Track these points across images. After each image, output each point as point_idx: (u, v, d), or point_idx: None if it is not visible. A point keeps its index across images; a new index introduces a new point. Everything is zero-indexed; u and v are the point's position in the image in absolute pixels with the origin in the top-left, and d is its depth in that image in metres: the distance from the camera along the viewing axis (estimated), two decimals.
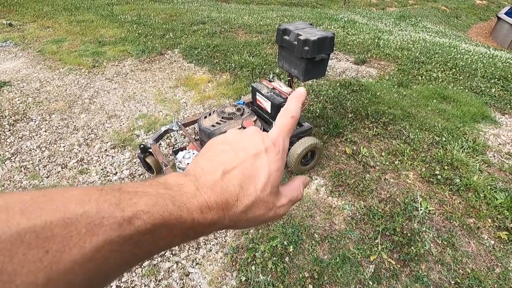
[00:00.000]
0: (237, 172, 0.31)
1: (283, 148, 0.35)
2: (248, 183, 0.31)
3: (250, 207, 0.31)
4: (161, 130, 2.16)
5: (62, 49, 4.55)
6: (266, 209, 0.32)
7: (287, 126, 0.36)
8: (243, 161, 0.32)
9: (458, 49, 4.76)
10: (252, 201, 0.31)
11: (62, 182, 2.18)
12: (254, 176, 0.32)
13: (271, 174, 0.32)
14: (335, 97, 3.12)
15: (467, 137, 2.59)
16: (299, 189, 0.37)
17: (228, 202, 0.30)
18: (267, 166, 0.32)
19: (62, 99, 3.21)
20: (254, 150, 0.33)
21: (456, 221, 1.92)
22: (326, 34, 1.93)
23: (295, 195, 0.36)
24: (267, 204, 0.32)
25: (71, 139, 2.61)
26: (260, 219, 0.33)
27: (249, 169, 0.32)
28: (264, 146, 0.33)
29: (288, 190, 0.36)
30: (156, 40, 4.70)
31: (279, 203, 0.34)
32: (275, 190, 0.33)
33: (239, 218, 0.31)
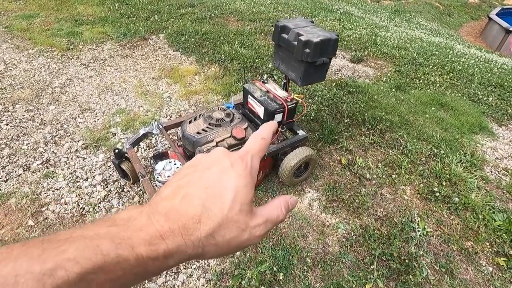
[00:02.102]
0: (198, 192, 0.29)
1: (252, 165, 0.33)
2: (212, 202, 0.29)
3: (217, 229, 0.28)
4: (140, 133, 1.91)
5: (33, 26, 4.09)
6: (238, 230, 0.29)
7: (257, 146, 0.35)
8: (206, 179, 0.30)
9: (454, 51, 4.65)
10: (219, 222, 0.28)
11: (23, 188, 1.91)
12: (220, 194, 0.29)
13: (239, 190, 0.30)
14: (330, 99, 2.94)
15: (465, 149, 2.49)
16: (278, 208, 0.34)
17: (188, 227, 0.27)
18: (234, 181, 0.30)
19: (29, 86, 2.85)
20: (218, 166, 0.31)
21: (454, 244, 1.82)
22: (329, 36, 1.71)
23: (273, 214, 0.33)
24: (238, 225, 0.29)
25: (36, 135, 2.31)
26: (234, 243, 0.30)
27: (213, 187, 0.30)
28: (230, 162, 0.32)
29: (265, 210, 0.33)
30: (139, 23, 4.31)
31: (253, 223, 0.31)
32: (246, 208, 0.30)
33: (205, 243, 0.28)
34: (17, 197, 1.86)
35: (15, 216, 1.76)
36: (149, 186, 1.66)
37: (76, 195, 1.91)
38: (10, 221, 1.73)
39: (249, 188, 0.31)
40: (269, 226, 0.33)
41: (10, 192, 1.88)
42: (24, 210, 1.79)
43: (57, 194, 1.90)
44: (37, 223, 1.74)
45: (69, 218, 1.78)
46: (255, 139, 0.36)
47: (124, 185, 2.00)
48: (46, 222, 1.75)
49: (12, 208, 1.80)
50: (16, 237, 1.66)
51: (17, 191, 1.89)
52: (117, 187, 1.99)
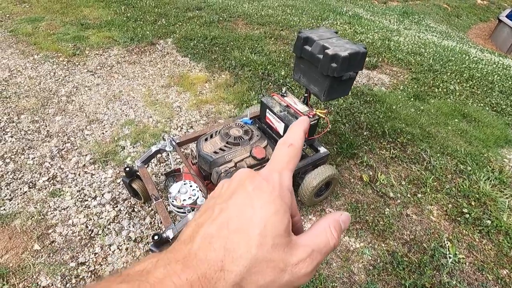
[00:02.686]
0: (218, 230, 0.24)
1: (281, 184, 0.26)
2: (236, 241, 0.23)
3: (245, 275, 0.22)
4: (152, 150, 1.80)
5: (38, 30, 4.00)
6: (275, 272, 0.23)
7: (284, 157, 0.29)
8: (228, 213, 0.25)
9: (470, 57, 4.50)
10: (247, 266, 0.22)
11: (29, 208, 1.81)
12: (244, 229, 0.24)
13: (268, 220, 0.24)
14: (347, 109, 2.81)
15: (493, 165, 2.35)
16: (328, 232, 0.26)
17: (209, 277, 0.22)
18: (260, 210, 0.24)
19: (35, 94, 2.75)
20: (241, 194, 0.26)
21: (489, 273, 1.69)
22: (357, 49, 1.59)
23: (322, 242, 0.26)
24: (274, 264, 0.23)
25: (42, 148, 2.20)
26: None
27: (235, 221, 0.24)
28: (254, 186, 0.26)
29: (309, 237, 0.26)
30: (146, 27, 4.21)
31: (294, 259, 0.24)
32: (282, 240, 0.24)
33: None
34: (22, 218, 1.75)
35: (20, 239, 1.65)
36: (163, 210, 1.55)
37: (84, 215, 1.80)
38: (15, 245, 1.63)
39: (281, 214, 0.25)
40: (319, 259, 0.26)
41: (15, 212, 1.78)
42: (29, 232, 1.69)
43: (64, 215, 1.79)
44: (44, 247, 1.63)
45: (77, 241, 1.67)
46: (282, 149, 0.29)
47: (134, 204, 1.89)
48: (53, 246, 1.64)
49: (17, 230, 1.69)
50: (21, 263, 1.55)
51: (22, 211, 1.79)
52: (127, 206, 1.88)
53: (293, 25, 4.74)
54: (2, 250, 1.60)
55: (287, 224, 0.25)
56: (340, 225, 0.28)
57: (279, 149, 0.30)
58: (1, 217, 1.74)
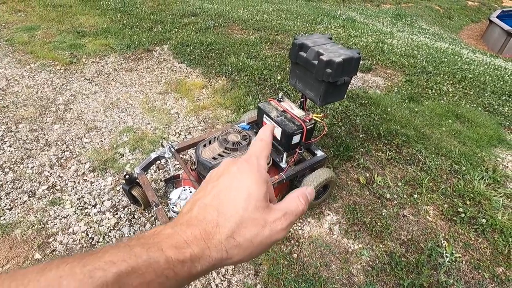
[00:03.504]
0: (212, 200, 0.31)
1: (258, 163, 0.34)
2: (226, 205, 0.30)
3: (235, 229, 0.29)
4: (151, 157, 1.82)
5: (34, 39, 4.02)
6: (258, 227, 0.30)
7: (258, 147, 0.36)
8: (218, 187, 0.32)
9: (462, 58, 4.59)
10: (236, 222, 0.29)
11: (29, 217, 1.81)
12: (232, 197, 0.30)
13: (250, 189, 0.31)
14: (343, 112, 2.86)
15: (486, 165, 2.40)
16: (297, 200, 0.34)
17: (208, 231, 0.29)
18: (244, 182, 0.31)
19: (32, 103, 2.76)
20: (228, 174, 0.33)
21: (485, 271, 1.73)
22: (351, 54, 1.63)
23: (292, 206, 0.33)
24: (256, 221, 0.30)
25: (41, 157, 2.21)
26: (256, 241, 0.30)
27: (224, 192, 0.31)
28: (237, 166, 0.33)
29: (283, 203, 0.33)
30: (143, 34, 4.24)
31: (271, 217, 0.31)
32: (261, 204, 0.31)
33: (227, 246, 0.29)
34: (22, 227, 1.76)
35: (20, 248, 1.66)
36: (163, 216, 1.57)
37: (84, 223, 1.81)
38: (16, 254, 1.63)
39: (260, 184, 0.31)
40: (291, 218, 0.32)
41: (15, 221, 1.78)
42: (30, 241, 1.69)
43: (65, 223, 1.80)
44: (45, 256, 1.64)
45: (78, 249, 1.68)
46: (256, 143, 0.37)
47: (134, 211, 1.90)
48: (54, 255, 1.65)
49: (17, 240, 1.70)
50: None
51: (23, 220, 1.79)
52: (128, 213, 1.89)
53: (288, 30, 4.80)
54: (3, 260, 1.60)
55: (265, 192, 0.31)
56: (306, 195, 0.35)
57: (254, 143, 0.37)
58: (2, 226, 1.74)
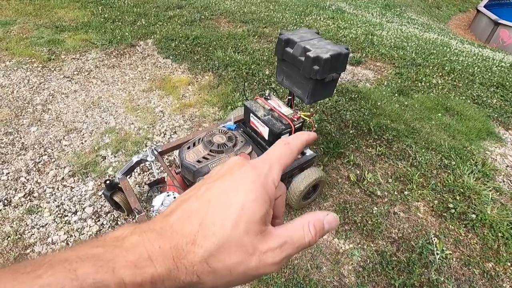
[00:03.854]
0: (199, 207, 0.25)
1: (266, 175, 0.27)
2: (212, 219, 0.24)
3: (214, 252, 0.24)
4: (133, 161, 1.73)
5: (10, 34, 3.81)
6: (243, 255, 0.24)
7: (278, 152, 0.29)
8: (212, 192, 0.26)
9: (451, 49, 4.57)
10: (218, 244, 0.24)
11: (4, 227, 1.72)
12: (223, 210, 0.25)
13: (246, 206, 0.25)
14: (333, 107, 2.80)
15: (476, 158, 2.39)
16: (305, 228, 0.27)
17: (180, 247, 0.24)
18: (241, 195, 0.25)
19: (7, 104, 2.62)
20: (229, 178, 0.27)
21: (475, 267, 1.72)
22: (339, 50, 1.56)
23: (296, 236, 0.26)
24: (244, 248, 0.24)
25: (17, 162, 2.10)
26: (237, 271, 0.24)
27: (216, 202, 0.25)
28: (241, 171, 0.27)
29: (285, 229, 0.26)
30: (125, 28, 4.07)
31: (264, 247, 0.25)
32: (256, 227, 0.25)
33: (200, 270, 0.24)
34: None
35: None
36: None
37: (64, 232, 1.72)
38: None
39: (260, 203, 0.25)
40: (289, 251, 0.26)
41: None
42: (5, 254, 1.60)
43: (43, 232, 1.71)
44: None
45: None
46: (278, 146, 0.30)
47: (117, 217, 1.82)
48: None
49: None
50: None
51: None
52: (110, 219, 1.81)
53: (276, 22, 4.69)
54: None
55: (264, 213, 0.25)
56: (322, 224, 0.28)
57: (276, 145, 0.30)
58: None
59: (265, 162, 0.28)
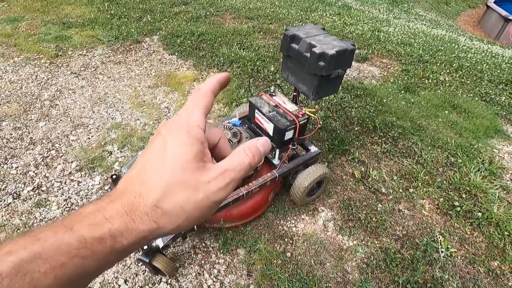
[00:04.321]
0: (138, 171, 0.28)
1: (187, 122, 0.30)
2: (151, 174, 0.27)
3: (161, 197, 0.26)
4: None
5: (18, 31, 3.85)
6: (189, 190, 0.27)
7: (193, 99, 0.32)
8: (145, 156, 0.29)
9: (459, 45, 4.50)
10: (161, 189, 0.26)
11: (14, 220, 1.75)
12: (157, 164, 0.28)
13: (177, 151, 0.28)
14: (338, 104, 2.79)
15: (483, 156, 2.37)
16: (241, 153, 0.30)
17: (130, 203, 0.26)
18: (170, 146, 0.28)
19: (16, 100, 2.66)
20: (158, 140, 0.29)
21: (480, 265, 1.71)
22: (345, 46, 1.55)
23: (236, 161, 0.29)
24: (187, 184, 0.27)
25: (26, 157, 2.13)
26: (188, 206, 0.27)
27: (150, 161, 0.28)
28: (166, 131, 0.29)
29: (225, 161, 0.29)
30: (131, 24, 4.09)
31: (205, 178, 0.27)
32: (192, 165, 0.27)
33: (154, 215, 0.26)
34: (7, 231, 1.70)
35: None
36: None
37: None
38: None
39: (189, 145, 0.28)
40: (232, 175, 0.28)
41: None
42: None
43: None
44: None
45: None
46: (192, 95, 0.33)
47: None
48: None
49: None
50: None
51: (7, 224, 1.73)
52: None
53: (282, 18, 4.67)
54: None
55: (197, 152, 0.28)
56: (256, 147, 0.30)
57: (191, 95, 0.33)
58: None
59: (182, 112, 0.31)
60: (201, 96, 0.32)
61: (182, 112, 0.31)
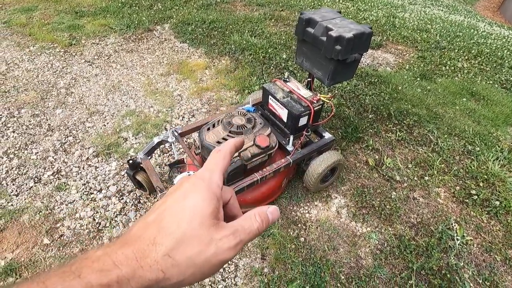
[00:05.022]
0: (155, 218, 0.29)
1: (209, 179, 0.32)
2: (169, 222, 0.28)
3: (174, 247, 0.27)
4: (154, 141, 1.78)
5: (32, 20, 3.90)
6: (201, 245, 0.27)
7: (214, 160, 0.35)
8: (165, 204, 0.30)
9: (478, 31, 4.34)
10: (176, 239, 0.27)
11: (36, 203, 1.82)
12: (177, 213, 0.29)
13: (197, 205, 0.29)
14: (351, 91, 2.75)
15: (502, 145, 2.31)
16: (252, 218, 0.31)
17: (142, 249, 0.26)
18: (192, 199, 0.30)
19: (33, 88, 2.72)
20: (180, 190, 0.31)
21: (497, 254, 1.69)
22: (362, 29, 1.52)
23: (246, 224, 0.31)
24: (200, 239, 0.28)
25: (45, 143, 2.19)
26: (199, 260, 0.27)
27: (170, 209, 0.29)
28: (189, 183, 0.31)
29: (236, 221, 0.31)
30: (142, 12, 4.09)
31: (218, 236, 0.28)
32: (208, 221, 0.29)
33: (164, 264, 0.26)
34: (29, 212, 1.77)
35: (29, 234, 1.67)
36: None
37: (91, 208, 1.81)
38: (25, 239, 1.65)
39: (208, 201, 0.30)
40: (241, 237, 0.30)
41: (22, 207, 1.79)
42: (38, 227, 1.71)
43: (71, 208, 1.80)
44: (53, 241, 1.65)
45: (86, 234, 1.69)
46: (212, 155, 0.35)
47: (140, 195, 1.89)
48: (62, 239, 1.66)
49: (26, 225, 1.71)
50: (32, 257, 1.58)
51: (30, 206, 1.80)
52: (133, 198, 1.88)
53: (293, 5, 4.57)
54: (12, 245, 1.62)
55: (213, 209, 0.29)
56: (266, 214, 0.32)
57: (211, 155, 0.35)
58: (10, 212, 1.75)
59: (206, 171, 0.33)
60: (221, 158, 0.35)
61: (205, 169, 0.33)
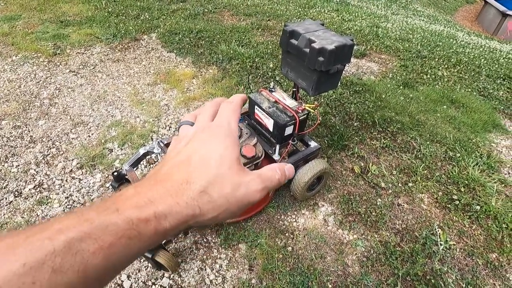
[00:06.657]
0: (184, 158, 0.30)
1: (229, 127, 0.33)
2: (199, 163, 0.29)
3: (209, 185, 0.28)
4: (139, 153, 1.76)
5: (15, 29, 3.83)
6: (233, 186, 0.29)
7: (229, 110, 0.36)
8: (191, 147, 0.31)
9: (457, 41, 4.52)
10: (210, 179, 0.28)
11: (16, 218, 1.76)
12: (205, 156, 0.30)
13: (223, 153, 0.30)
14: (337, 100, 2.80)
15: (481, 150, 2.39)
16: (274, 169, 0.34)
17: (176, 188, 0.27)
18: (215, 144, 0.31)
19: (15, 98, 2.65)
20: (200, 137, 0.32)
21: (478, 257, 1.74)
22: (344, 41, 1.56)
23: (268, 173, 0.33)
24: (231, 180, 0.29)
25: (26, 155, 2.14)
26: (232, 199, 0.29)
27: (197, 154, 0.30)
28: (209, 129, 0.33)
29: (259, 170, 0.33)
30: (129, 22, 4.08)
31: (247, 178, 0.30)
32: (236, 166, 0.30)
33: (200, 201, 0.27)
34: (9, 228, 1.71)
35: None
36: None
37: None
38: None
39: (231, 148, 0.31)
40: (266, 183, 0.32)
41: (1, 223, 1.73)
42: None
43: None
44: None
45: None
46: (227, 106, 0.36)
47: None
48: None
49: None
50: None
51: (9, 221, 1.74)
52: None
53: (280, 15, 4.66)
54: None
55: (238, 155, 0.31)
56: (284, 169, 0.34)
57: (223, 106, 0.36)
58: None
59: (223, 120, 0.34)
60: (235, 109, 0.36)
61: (222, 118, 0.35)
